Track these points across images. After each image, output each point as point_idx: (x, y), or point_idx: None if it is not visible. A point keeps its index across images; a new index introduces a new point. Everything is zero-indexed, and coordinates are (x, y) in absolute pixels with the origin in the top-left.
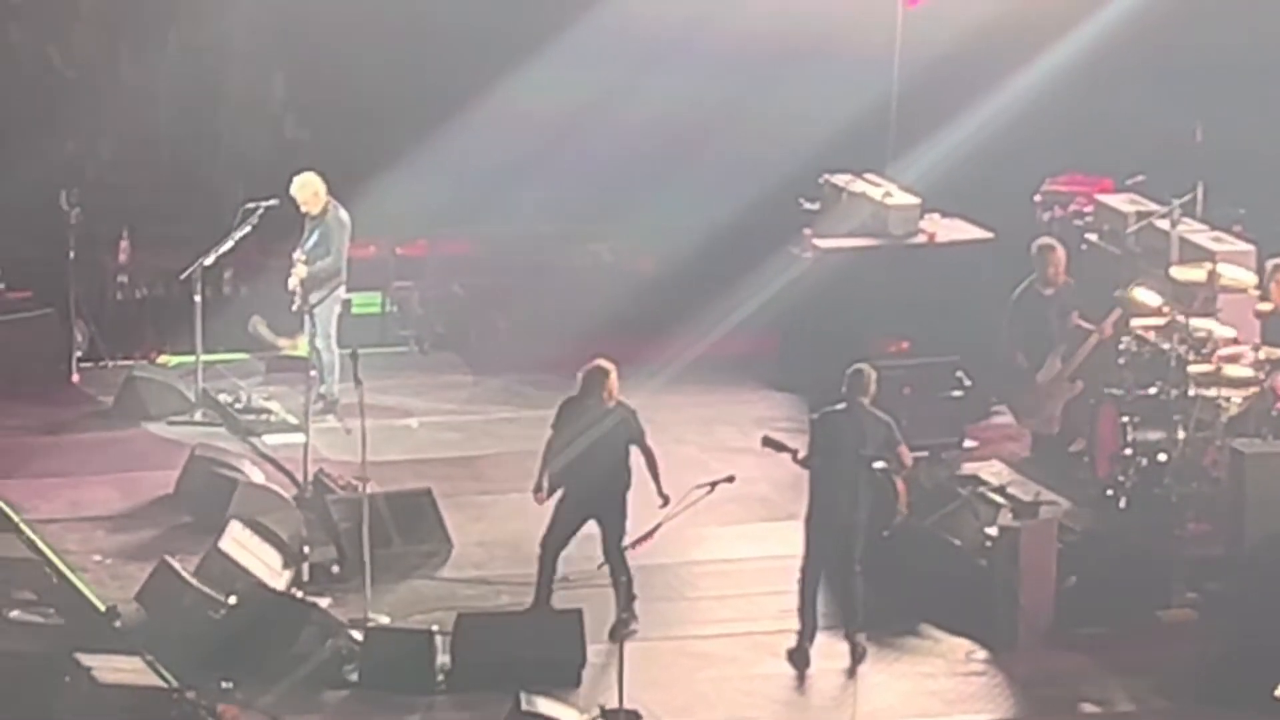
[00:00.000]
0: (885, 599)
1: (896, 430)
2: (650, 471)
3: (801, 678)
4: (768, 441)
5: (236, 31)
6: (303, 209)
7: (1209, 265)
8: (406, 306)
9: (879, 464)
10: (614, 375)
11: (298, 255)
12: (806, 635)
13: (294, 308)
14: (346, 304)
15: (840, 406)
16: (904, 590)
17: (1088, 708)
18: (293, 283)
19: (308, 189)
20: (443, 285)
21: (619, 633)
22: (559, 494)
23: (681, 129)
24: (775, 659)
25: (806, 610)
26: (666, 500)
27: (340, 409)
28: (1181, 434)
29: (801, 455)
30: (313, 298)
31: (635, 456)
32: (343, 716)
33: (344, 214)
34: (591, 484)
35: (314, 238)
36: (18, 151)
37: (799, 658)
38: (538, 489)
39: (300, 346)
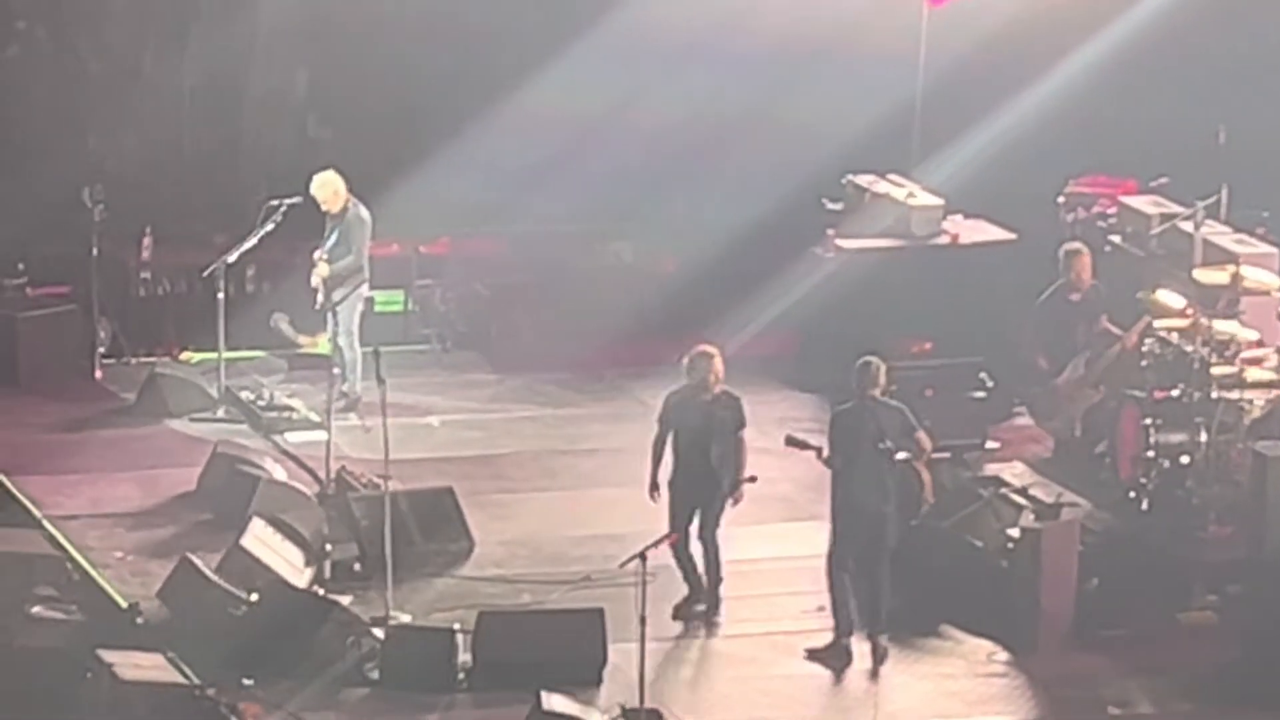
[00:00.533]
0: (906, 600)
1: (911, 415)
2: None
3: (824, 678)
4: (791, 440)
5: (260, 29)
6: (322, 208)
7: (1232, 267)
8: (429, 305)
9: (901, 455)
10: (719, 359)
11: (319, 254)
12: (844, 631)
13: (316, 305)
14: (369, 302)
15: (850, 403)
16: (925, 591)
17: (1110, 710)
18: (315, 281)
19: (327, 188)
20: (465, 284)
21: (684, 612)
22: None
23: (705, 129)
24: (796, 660)
25: (840, 606)
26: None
27: (362, 407)
28: (1204, 436)
29: (825, 454)
30: (335, 295)
31: None
32: (363, 714)
33: (364, 212)
34: (702, 472)
35: (334, 236)
36: (42, 147)
37: (836, 654)
38: (653, 488)
39: (321, 344)
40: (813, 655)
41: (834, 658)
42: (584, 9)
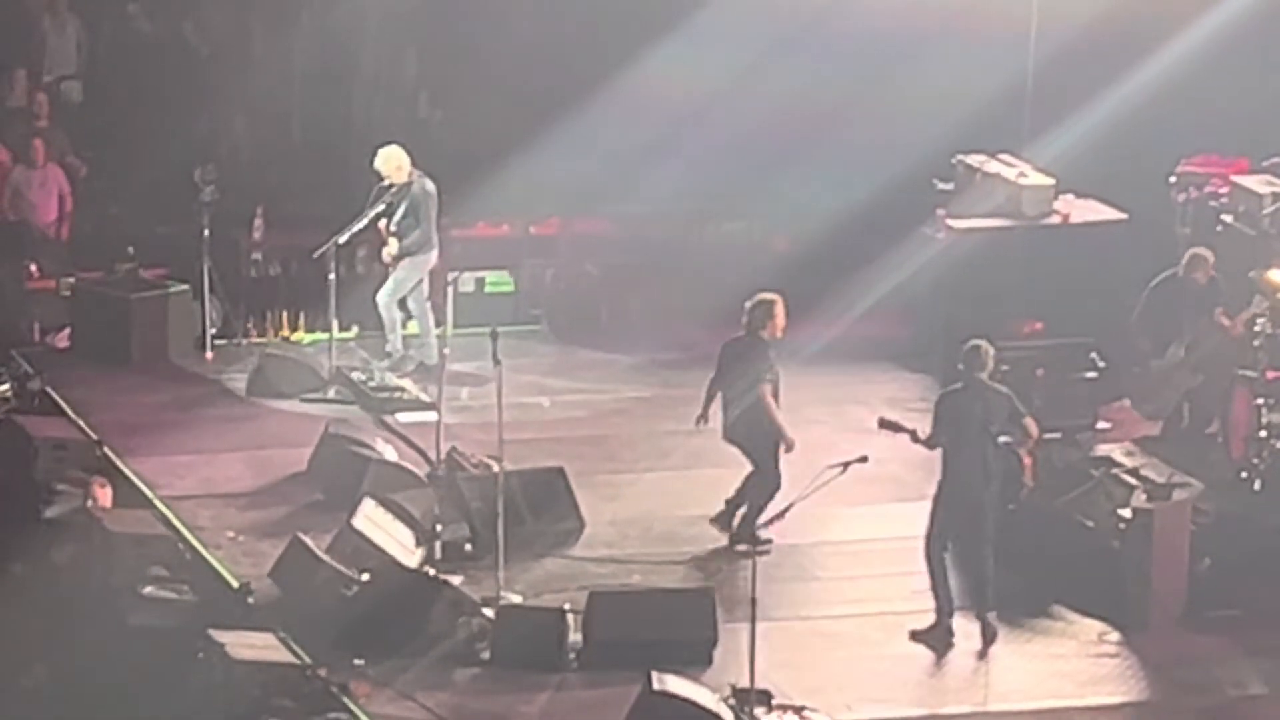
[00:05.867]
0: (1018, 580)
1: (1017, 401)
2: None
3: (935, 658)
4: (884, 423)
5: (370, 9)
6: (387, 182)
7: None
8: (539, 285)
9: (1005, 438)
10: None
11: (388, 228)
12: (945, 611)
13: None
14: (480, 282)
15: (959, 385)
16: (1036, 571)
17: (1224, 691)
18: (386, 256)
19: (391, 162)
20: (576, 264)
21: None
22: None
23: (816, 109)
24: (906, 640)
25: (940, 586)
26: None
27: (416, 371)
28: None
29: (923, 435)
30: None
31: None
32: (474, 694)
33: (429, 184)
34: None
35: (401, 210)
36: (153, 129)
37: (940, 635)
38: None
39: (409, 326)
40: (916, 636)
41: (937, 638)
42: None
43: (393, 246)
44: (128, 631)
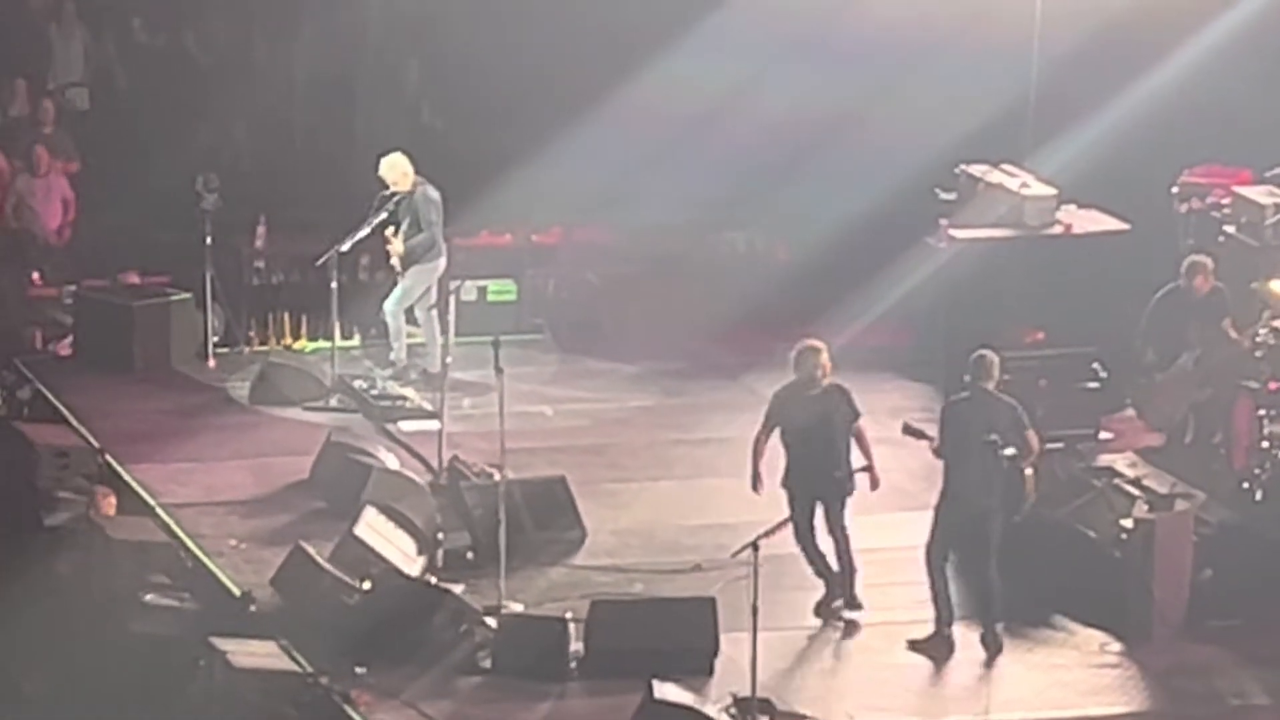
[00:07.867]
0: (1019, 590)
1: (1022, 413)
2: (864, 452)
3: (936, 667)
4: (908, 429)
5: (372, 19)
6: (390, 190)
7: None
8: (541, 294)
9: (1008, 450)
10: (826, 353)
11: (392, 234)
12: (944, 621)
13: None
14: (482, 290)
15: (965, 395)
16: (1038, 581)
17: (1226, 701)
18: (394, 260)
19: (395, 169)
20: (578, 273)
21: (824, 610)
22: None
23: (818, 119)
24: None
25: (940, 596)
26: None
27: (419, 379)
28: None
29: (937, 444)
30: (409, 271)
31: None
32: (476, 703)
33: (433, 191)
34: (818, 467)
35: (407, 217)
36: (155, 138)
37: (938, 645)
38: (756, 482)
39: (415, 334)
40: (915, 646)
41: (936, 648)
42: None
43: (397, 246)
44: (129, 639)
